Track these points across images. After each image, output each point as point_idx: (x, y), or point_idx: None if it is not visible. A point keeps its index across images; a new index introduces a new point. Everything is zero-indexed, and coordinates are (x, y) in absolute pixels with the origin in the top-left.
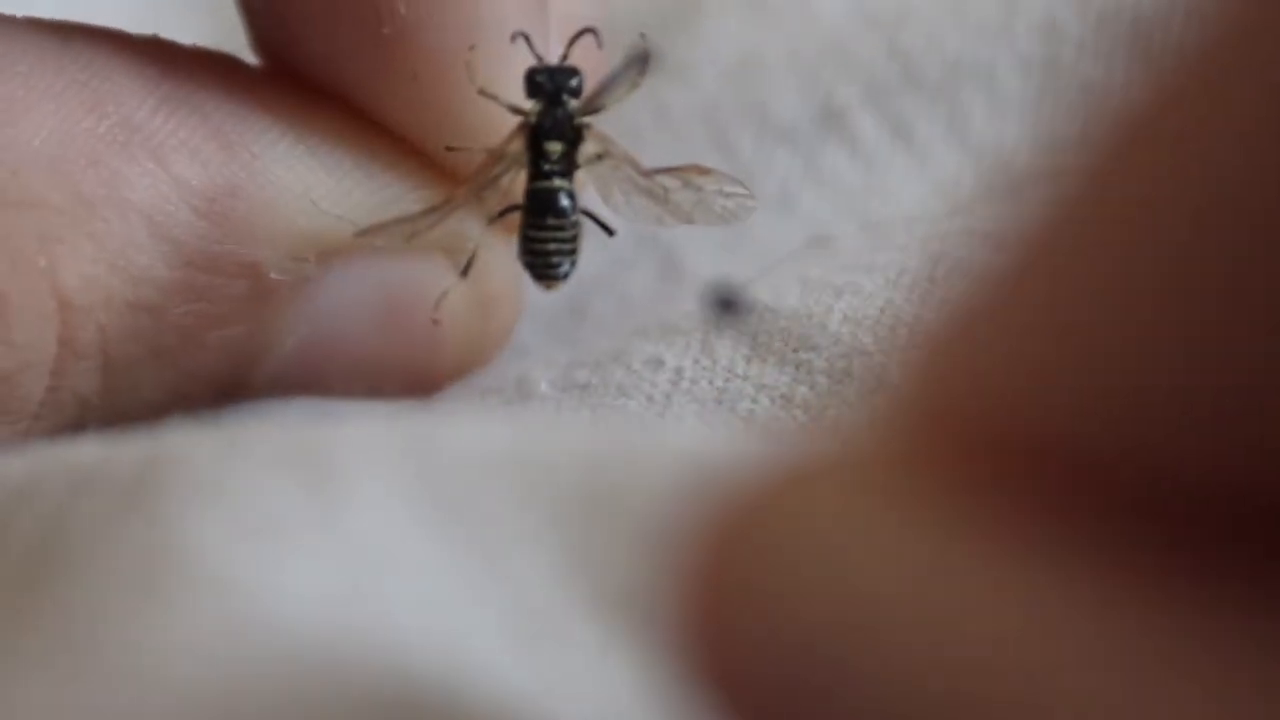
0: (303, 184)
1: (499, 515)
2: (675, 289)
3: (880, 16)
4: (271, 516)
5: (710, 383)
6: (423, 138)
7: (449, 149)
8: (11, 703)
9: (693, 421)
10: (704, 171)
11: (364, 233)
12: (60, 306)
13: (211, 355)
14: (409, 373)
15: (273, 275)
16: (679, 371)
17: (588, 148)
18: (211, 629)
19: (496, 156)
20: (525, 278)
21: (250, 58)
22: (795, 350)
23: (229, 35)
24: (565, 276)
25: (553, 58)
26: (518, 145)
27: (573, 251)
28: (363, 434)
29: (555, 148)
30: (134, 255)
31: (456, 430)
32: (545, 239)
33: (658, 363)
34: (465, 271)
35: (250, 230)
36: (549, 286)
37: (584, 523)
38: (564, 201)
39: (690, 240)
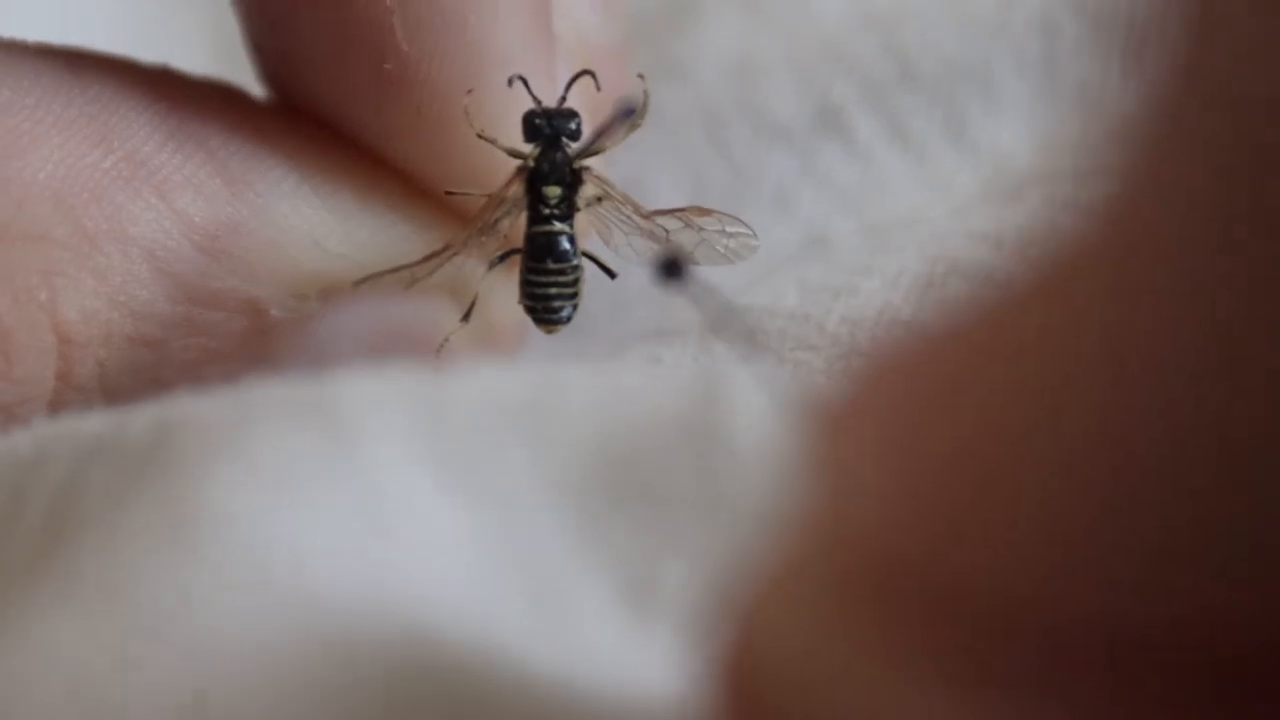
0: (307, 223)
1: (517, 483)
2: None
3: (877, 15)
4: (293, 475)
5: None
6: (426, 175)
7: (449, 194)
8: (35, 635)
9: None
10: (704, 212)
11: (364, 280)
12: (60, 341)
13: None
14: None
15: (274, 313)
16: (676, 370)
17: (587, 190)
18: (238, 578)
19: (496, 201)
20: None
21: (257, 87)
22: (793, 350)
23: (235, 42)
24: (567, 320)
25: (554, 95)
26: (517, 189)
27: (574, 295)
28: (378, 389)
29: (554, 191)
30: (135, 290)
31: (471, 386)
32: (546, 283)
33: (655, 361)
34: (467, 317)
35: (252, 268)
36: (550, 330)
37: (600, 493)
38: (564, 245)
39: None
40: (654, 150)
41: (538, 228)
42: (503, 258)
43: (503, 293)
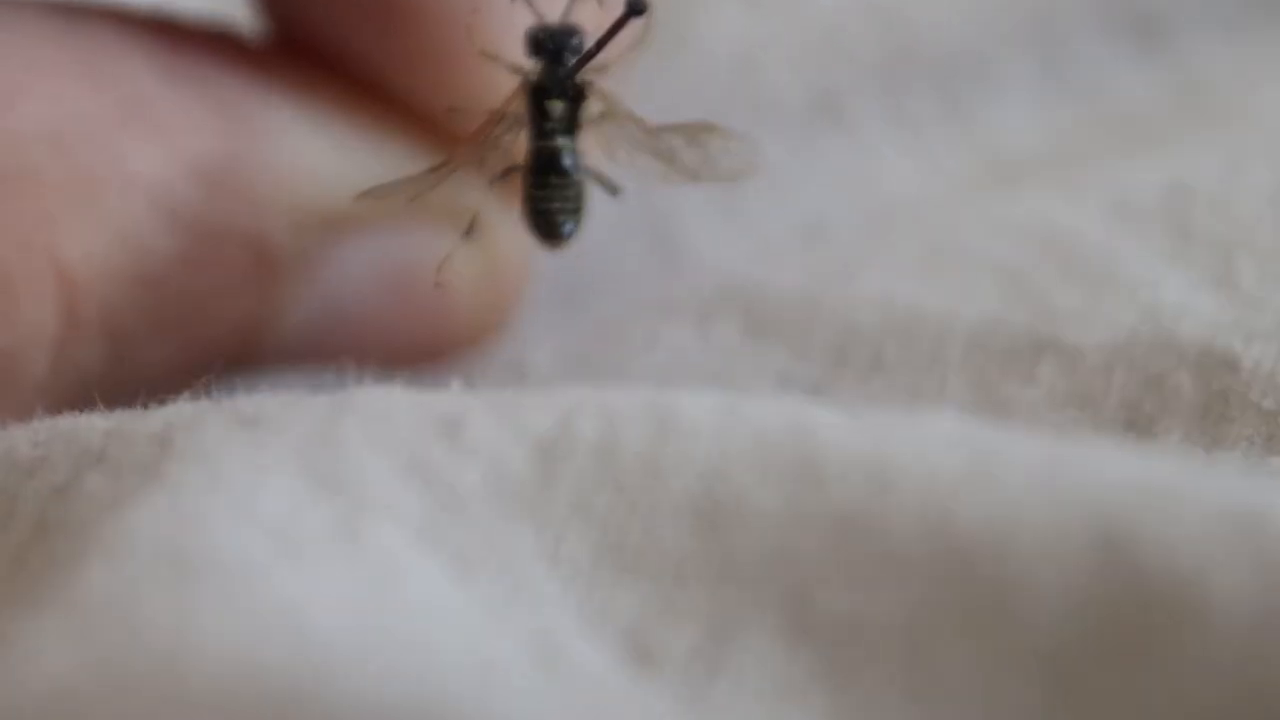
0: (306, 155)
1: (523, 561)
2: (672, 269)
3: (877, 2)
4: (301, 548)
5: (706, 360)
6: (426, 102)
7: (451, 110)
8: (18, 641)
9: None
10: (710, 128)
11: (365, 194)
12: (62, 282)
13: (217, 328)
14: (419, 343)
15: (278, 248)
16: (676, 349)
17: (591, 106)
18: (239, 629)
19: (498, 117)
20: (532, 244)
21: (251, 28)
22: (791, 329)
23: None
24: (569, 236)
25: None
26: (519, 105)
27: (576, 210)
28: (391, 464)
29: (557, 106)
30: (136, 229)
31: (477, 462)
32: (548, 198)
33: (655, 340)
34: (469, 232)
35: (254, 202)
36: (553, 246)
37: (604, 561)
38: (567, 160)
39: (687, 221)
40: None
41: (541, 143)
42: (505, 174)
43: (506, 223)
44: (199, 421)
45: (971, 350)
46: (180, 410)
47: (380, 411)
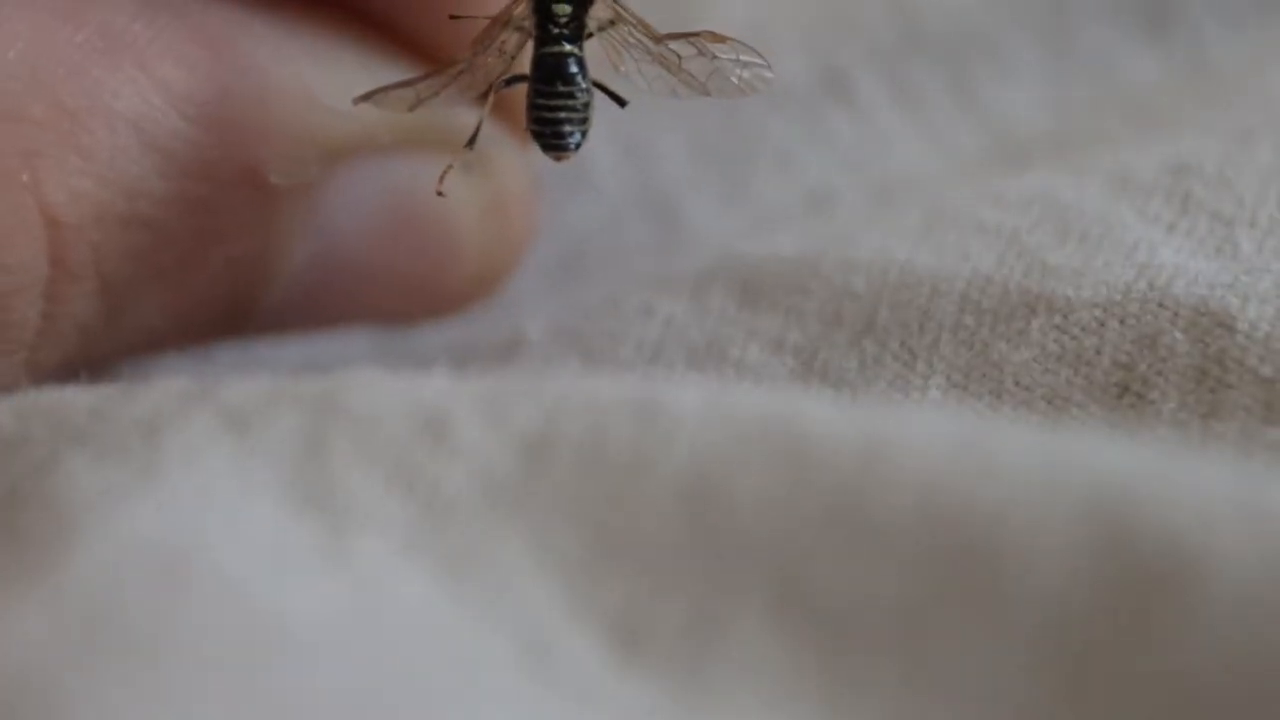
0: (296, 80)
1: (508, 561)
2: (672, 242)
3: None
4: (289, 560)
5: (701, 329)
6: (424, 12)
7: (453, 18)
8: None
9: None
10: (719, 38)
11: (364, 97)
12: (48, 224)
13: (215, 275)
14: (426, 289)
15: (273, 179)
16: (670, 319)
17: (598, 11)
18: (223, 628)
19: (503, 20)
20: (538, 156)
21: None
22: (787, 294)
23: None
24: (576, 147)
25: None
26: (524, 9)
27: (584, 121)
28: (379, 474)
29: (564, 9)
30: (124, 167)
31: (462, 459)
32: (555, 106)
33: (649, 310)
34: (471, 143)
35: (244, 133)
36: (559, 158)
37: (591, 549)
38: (573, 67)
39: (689, 197)
40: (659, 111)
41: (546, 49)
42: (509, 83)
43: (514, 158)
44: (186, 415)
45: (964, 309)
46: (166, 394)
47: (367, 411)
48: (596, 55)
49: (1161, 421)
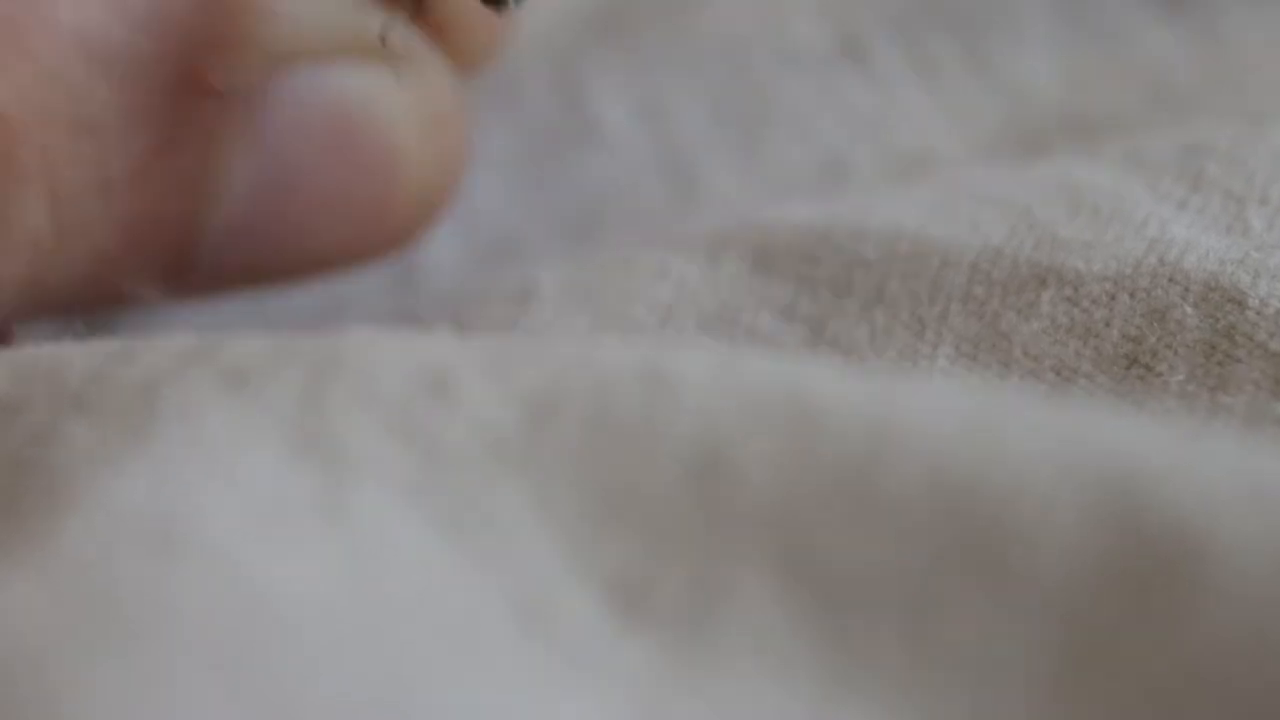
0: None
1: (509, 513)
2: (689, 207)
3: None
4: (284, 515)
5: (714, 293)
6: None
7: None
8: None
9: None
10: None
11: None
12: None
13: (163, 190)
14: (371, 211)
15: (216, 86)
16: (683, 281)
17: None
18: (218, 605)
19: None
20: (483, 16)
21: None
22: (799, 263)
23: None
24: (518, 2)
25: None
26: None
27: None
28: (377, 420)
29: None
30: (69, 72)
31: (462, 413)
32: None
33: (663, 271)
34: (383, 39)
35: (186, 37)
36: (502, 10)
37: (592, 508)
38: None
39: (705, 160)
40: (673, 73)
41: None
42: None
43: (444, 74)
44: (184, 375)
45: (974, 280)
46: (165, 354)
47: (368, 366)
48: None
49: (1169, 394)
